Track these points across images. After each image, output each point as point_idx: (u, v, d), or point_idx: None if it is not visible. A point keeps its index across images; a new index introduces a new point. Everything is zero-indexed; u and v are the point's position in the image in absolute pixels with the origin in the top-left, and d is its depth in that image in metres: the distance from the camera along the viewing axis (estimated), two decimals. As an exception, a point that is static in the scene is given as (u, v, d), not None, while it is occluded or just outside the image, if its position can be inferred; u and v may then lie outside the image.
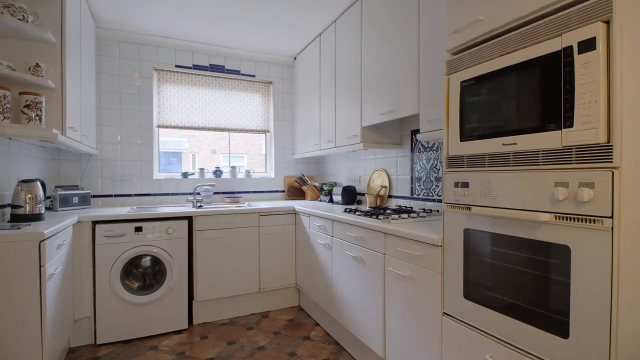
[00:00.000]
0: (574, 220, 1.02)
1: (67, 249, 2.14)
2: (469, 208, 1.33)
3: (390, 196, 2.77)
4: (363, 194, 3.13)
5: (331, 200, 3.33)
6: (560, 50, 1.06)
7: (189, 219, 2.76)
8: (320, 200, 3.51)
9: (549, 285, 1.08)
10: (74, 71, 2.33)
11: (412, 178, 2.54)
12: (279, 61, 3.77)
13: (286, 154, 3.87)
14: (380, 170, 2.89)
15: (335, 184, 3.43)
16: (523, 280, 1.16)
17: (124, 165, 3.19)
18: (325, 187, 3.41)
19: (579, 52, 1.02)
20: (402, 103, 2.10)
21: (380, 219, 1.98)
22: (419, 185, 2.47)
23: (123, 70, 3.18)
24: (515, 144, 1.18)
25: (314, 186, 3.68)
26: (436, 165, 2.32)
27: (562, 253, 1.05)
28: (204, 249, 2.75)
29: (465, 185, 1.36)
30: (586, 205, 0.99)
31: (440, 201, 2.28)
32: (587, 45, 1.00)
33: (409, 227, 1.74)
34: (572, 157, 1.03)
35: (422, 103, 1.94)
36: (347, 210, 2.40)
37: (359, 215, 2.21)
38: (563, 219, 1.04)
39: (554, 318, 1.07)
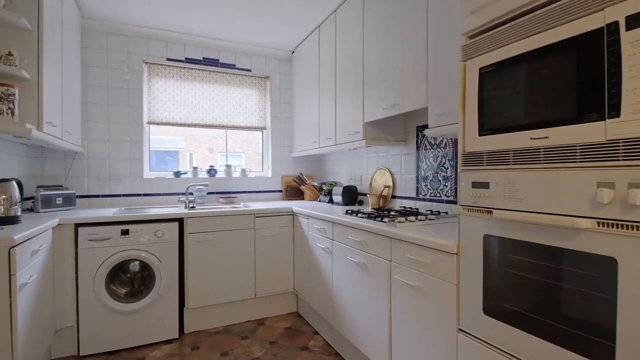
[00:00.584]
0: (622, 228, 0.86)
1: (44, 255, 1.97)
2: (490, 211, 1.17)
3: (394, 196, 2.61)
4: (365, 194, 2.97)
5: (331, 201, 3.17)
6: (603, 27, 0.90)
7: (180, 221, 2.59)
8: (320, 201, 3.35)
9: (590, 303, 0.92)
10: (54, 62, 2.16)
11: (417, 177, 2.38)
12: (276, 55, 3.60)
13: (284, 152, 3.70)
14: (383, 169, 2.72)
15: (335, 183, 3.27)
16: (557, 296, 1.00)
17: (112, 163, 3.01)
18: (324, 187, 3.25)
19: (627, 29, 0.86)
20: (408, 96, 1.93)
21: (385, 222, 1.82)
22: (426, 185, 2.31)
23: (111, 63, 3.00)
24: (546, 137, 1.02)
25: (313, 186, 3.52)
26: (444, 163, 2.15)
27: (606, 266, 0.89)
28: (195, 252, 2.58)
29: (485, 185, 1.19)
30: (638, 210, 0.83)
31: (449, 202, 2.12)
32: (638, 19, 0.84)
33: (417, 231, 1.58)
34: (619, 153, 0.87)
35: (430, 95, 1.78)
36: (349, 211, 2.24)
37: (362, 217, 2.04)
38: (608, 226, 0.88)
39: (595, 342, 0.91)
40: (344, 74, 2.61)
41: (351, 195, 2.93)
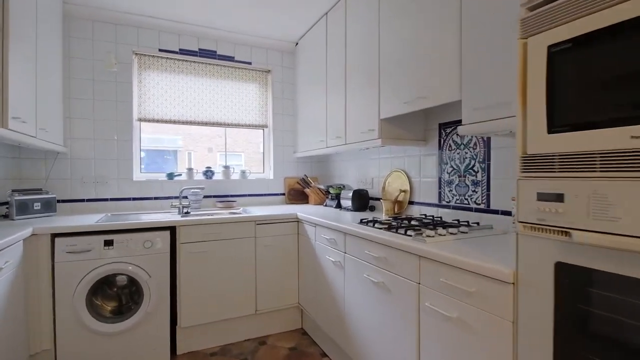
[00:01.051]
0: None
1: (12, 271, 1.69)
2: (566, 233, 0.89)
3: (411, 202, 2.34)
4: (377, 199, 2.70)
5: (339, 206, 2.89)
6: None
7: (172, 229, 2.31)
8: (326, 205, 3.08)
9: None
10: (25, 52, 1.88)
11: (440, 181, 2.10)
12: (278, 47, 3.32)
13: (287, 152, 3.42)
14: (399, 171, 2.45)
15: (344, 186, 2.99)
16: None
17: (99, 164, 2.74)
18: (332, 191, 2.97)
19: None
20: (436, 88, 1.66)
21: (410, 235, 1.55)
22: (450, 191, 2.03)
23: (97, 54, 2.72)
24: (659, 135, 0.74)
25: (319, 189, 3.24)
26: (473, 165, 1.88)
27: None
28: (189, 265, 2.30)
29: (558, 198, 0.92)
30: None
31: (479, 210, 1.85)
32: None
33: (453, 248, 1.31)
34: None
35: (465, 86, 1.50)
36: (364, 220, 1.97)
37: (380, 228, 1.77)
38: None
39: None
40: (355, 65, 2.33)
41: (362, 200, 2.65)
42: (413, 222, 1.90)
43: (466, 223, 1.78)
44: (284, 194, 3.39)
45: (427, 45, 1.72)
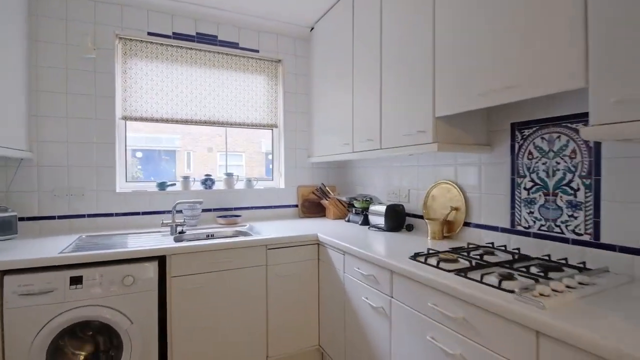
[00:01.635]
0: None
1: None
2: None
3: (466, 224, 1.83)
4: (415, 216, 2.19)
5: (366, 222, 2.38)
6: None
7: (161, 259, 1.81)
8: (349, 221, 2.57)
9: None
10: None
11: (513, 198, 1.60)
12: (290, 32, 2.81)
13: (300, 157, 2.92)
14: (448, 183, 1.94)
15: (371, 199, 2.48)
16: None
17: (73, 173, 2.23)
18: (357, 204, 2.47)
19: None
20: (536, 72, 1.15)
21: (511, 291, 1.03)
22: (530, 212, 1.52)
23: (71, 37, 2.21)
24: None
25: (340, 201, 2.74)
26: (570, 181, 1.37)
27: None
28: (183, 303, 1.80)
29: None
30: None
31: (579, 243, 1.34)
32: None
33: (593, 321, 0.80)
34: None
35: (597, 67, 0.99)
36: (419, 255, 1.46)
37: (451, 271, 1.26)
38: None
39: None
40: (397, 51, 1.83)
41: (398, 218, 2.15)
42: (488, 258, 1.40)
43: (579, 266, 1.27)
44: (296, 206, 2.88)
45: (517, 14, 1.21)
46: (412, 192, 2.23)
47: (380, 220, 2.19)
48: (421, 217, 2.15)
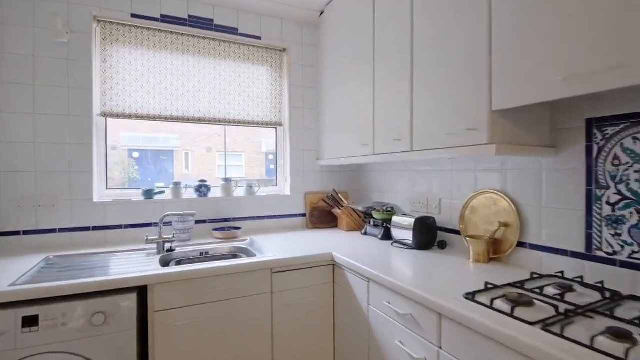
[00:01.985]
0: None
1: None
2: None
3: (521, 244, 1.48)
4: (448, 231, 1.84)
5: (387, 236, 2.03)
6: None
7: (141, 289, 1.45)
8: (366, 234, 2.22)
9: None
10: None
11: (590, 215, 1.25)
12: (297, 16, 2.46)
13: (308, 159, 2.56)
14: (494, 193, 1.59)
15: (392, 209, 2.13)
16: None
17: (42, 180, 1.88)
18: (376, 215, 2.12)
19: None
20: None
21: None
22: (616, 234, 1.17)
23: (39, 18, 1.86)
24: None
25: (355, 210, 2.38)
26: (681, 195, 1.02)
27: None
28: (169, 343, 1.45)
29: None
30: None
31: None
32: None
33: None
34: None
35: None
36: (481, 296, 1.11)
37: (544, 329, 0.90)
38: None
39: None
40: (434, 29, 1.47)
41: (430, 234, 1.80)
42: (571, 298, 1.05)
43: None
44: (304, 215, 2.53)
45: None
46: (445, 202, 1.88)
47: (407, 236, 1.84)
48: (455, 231, 1.80)
